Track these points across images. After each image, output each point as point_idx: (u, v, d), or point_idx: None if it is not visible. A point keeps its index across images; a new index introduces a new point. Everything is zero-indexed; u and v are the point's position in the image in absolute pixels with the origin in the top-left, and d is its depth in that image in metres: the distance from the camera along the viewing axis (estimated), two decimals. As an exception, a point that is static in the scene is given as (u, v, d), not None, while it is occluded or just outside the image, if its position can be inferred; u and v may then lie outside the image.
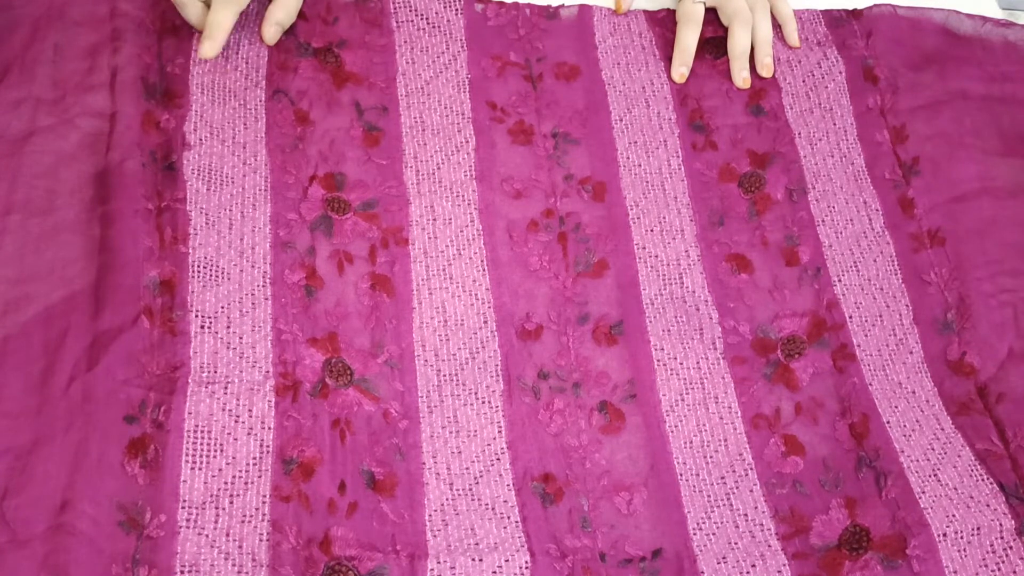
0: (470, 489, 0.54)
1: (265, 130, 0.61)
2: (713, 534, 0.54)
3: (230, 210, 0.58)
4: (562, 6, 0.71)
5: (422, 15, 0.68)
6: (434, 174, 0.63)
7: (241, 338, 0.54)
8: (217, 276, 0.56)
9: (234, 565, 0.48)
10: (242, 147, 0.61)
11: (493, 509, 0.53)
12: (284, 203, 0.59)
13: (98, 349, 0.51)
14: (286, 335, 0.55)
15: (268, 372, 0.54)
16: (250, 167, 0.60)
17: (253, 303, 0.56)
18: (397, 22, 0.68)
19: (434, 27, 0.68)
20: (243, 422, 0.52)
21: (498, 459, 0.55)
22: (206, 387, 0.52)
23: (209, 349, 0.54)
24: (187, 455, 0.50)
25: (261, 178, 0.60)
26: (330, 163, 0.62)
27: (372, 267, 0.59)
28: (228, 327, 0.55)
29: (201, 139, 0.60)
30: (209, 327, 0.54)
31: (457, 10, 0.69)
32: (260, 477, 0.51)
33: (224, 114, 0.61)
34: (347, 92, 0.64)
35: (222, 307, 0.55)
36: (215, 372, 0.53)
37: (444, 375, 0.57)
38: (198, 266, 0.56)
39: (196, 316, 0.54)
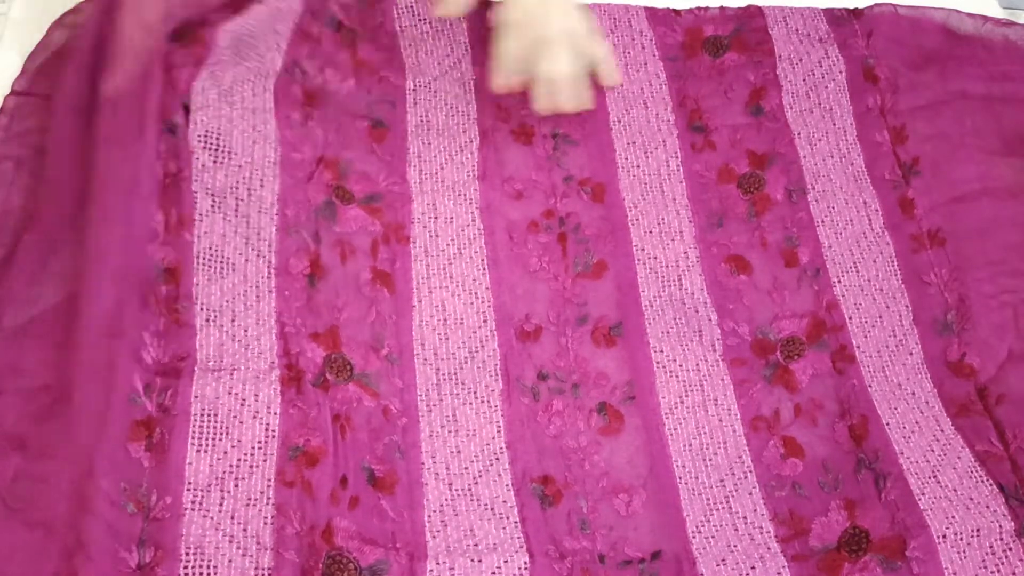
0: (469, 489, 0.54)
1: (274, 100, 0.60)
2: (712, 536, 0.54)
3: (236, 188, 0.57)
4: (561, 6, 0.70)
5: (424, 19, 0.68)
6: (437, 173, 0.63)
7: (246, 331, 0.54)
8: (222, 268, 0.55)
9: (239, 548, 0.48)
10: (251, 113, 0.59)
11: (492, 509, 0.53)
12: (294, 182, 0.58)
13: (109, 324, 0.51)
14: (289, 328, 0.55)
15: (273, 363, 0.53)
16: (260, 134, 0.59)
17: (258, 296, 0.55)
18: (400, 26, 0.67)
19: (438, 32, 0.68)
20: (249, 406, 0.51)
21: (497, 459, 0.55)
22: (212, 373, 0.52)
23: (215, 341, 0.53)
24: (193, 438, 0.50)
25: (271, 149, 0.59)
26: (335, 148, 0.61)
27: (373, 262, 0.59)
28: (233, 320, 0.54)
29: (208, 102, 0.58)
30: (214, 320, 0.53)
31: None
32: (265, 461, 0.50)
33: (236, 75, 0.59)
34: (360, 77, 0.64)
35: (227, 301, 0.54)
36: (221, 361, 0.52)
37: (443, 374, 0.57)
38: (203, 257, 0.55)
39: (201, 309, 0.53)
